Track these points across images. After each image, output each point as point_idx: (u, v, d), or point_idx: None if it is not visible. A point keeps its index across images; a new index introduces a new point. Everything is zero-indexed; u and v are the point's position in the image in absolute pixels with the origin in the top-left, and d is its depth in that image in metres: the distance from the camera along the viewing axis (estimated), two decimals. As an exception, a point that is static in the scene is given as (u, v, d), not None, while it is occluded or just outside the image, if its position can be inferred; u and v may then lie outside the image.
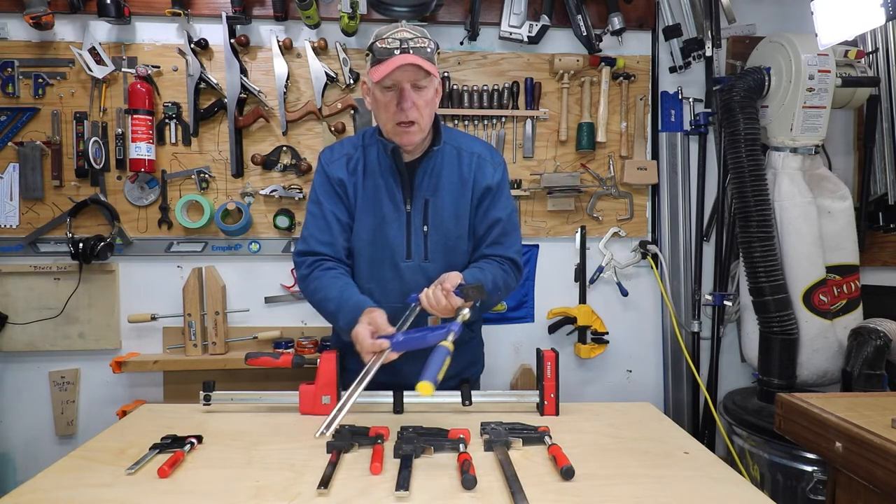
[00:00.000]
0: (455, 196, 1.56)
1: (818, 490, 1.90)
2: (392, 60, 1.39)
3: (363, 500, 1.04)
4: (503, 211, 1.59)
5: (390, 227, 1.55)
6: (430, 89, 1.46)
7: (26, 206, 2.37)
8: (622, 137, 2.55)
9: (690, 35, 2.53)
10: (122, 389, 2.46)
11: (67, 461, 1.21)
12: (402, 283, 1.56)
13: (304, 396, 1.48)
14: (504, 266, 1.57)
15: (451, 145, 1.59)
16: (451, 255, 1.58)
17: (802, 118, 2.22)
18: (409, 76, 1.41)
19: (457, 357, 1.61)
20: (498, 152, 1.66)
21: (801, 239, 2.23)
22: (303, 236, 1.59)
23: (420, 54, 1.40)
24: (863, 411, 1.36)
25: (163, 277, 2.45)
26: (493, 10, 2.43)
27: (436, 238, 1.56)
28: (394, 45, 1.40)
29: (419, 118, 1.45)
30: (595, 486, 1.10)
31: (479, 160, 1.58)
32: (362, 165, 1.57)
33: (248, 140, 2.43)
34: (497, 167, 1.60)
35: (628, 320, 2.65)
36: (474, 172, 1.57)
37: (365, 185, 1.56)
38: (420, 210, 1.55)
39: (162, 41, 2.38)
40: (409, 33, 1.42)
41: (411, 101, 1.43)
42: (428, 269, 1.55)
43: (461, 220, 1.57)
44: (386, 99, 1.45)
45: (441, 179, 1.56)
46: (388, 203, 1.55)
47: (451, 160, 1.57)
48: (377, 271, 1.58)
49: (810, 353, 2.23)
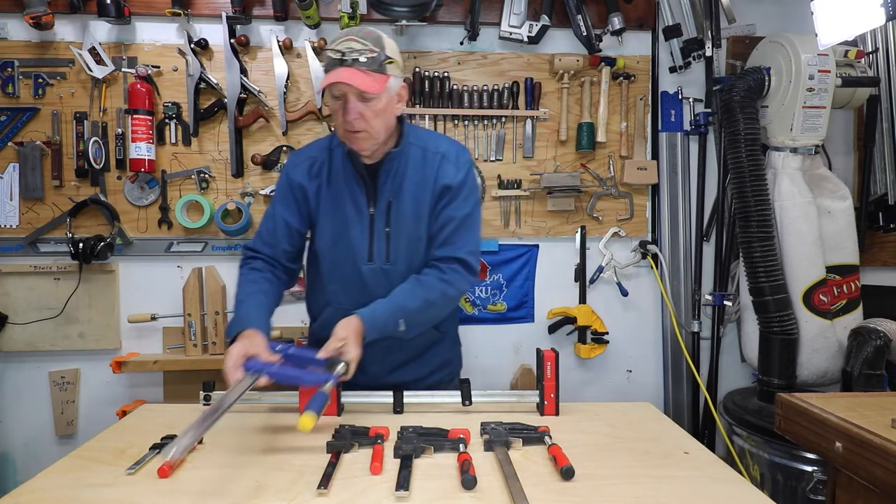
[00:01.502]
0: (417, 198, 1.54)
1: (818, 490, 1.90)
2: (330, 74, 1.38)
3: (363, 500, 1.04)
4: (459, 210, 1.54)
5: (352, 229, 1.54)
6: (379, 100, 1.42)
7: (26, 206, 2.37)
8: (622, 137, 2.55)
9: (690, 35, 2.53)
10: (122, 389, 2.46)
11: (67, 461, 1.21)
12: (364, 285, 1.55)
13: (304, 396, 1.47)
14: (446, 275, 1.50)
15: (416, 146, 1.56)
16: (412, 257, 1.55)
17: (802, 118, 2.22)
18: (350, 88, 1.38)
19: (426, 359, 1.64)
20: (466, 151, 1.61)
21: (801, 239, 2.23)
22: (255, 233, 1.64)
23: (364, 67, 1.37)
24: (863, 411, 1.36)
25: (163, 277, 2.45)
26: (493, 10, 2.43)
27: (397, 240, 1.54)
28: (336, 56, 1.38)
29: (367, 127, 1.43)
30: (595, 486, 1.10)
31: (442, 159, 1.55)
32: (327, 168, 1.57)
33: (248, 140, 2.43)
34: (461, 167, 1.55)
35: (628, 320, 2.65)
36: (435, 172, 1.54)
37: (330, 189, 1.56)
38: (383, 212, 1.54)
39: (162, 41, 2.38)
40: (358, 43, 1.38)
41: (356, 112, 1.40)
42: (390, 272, 1.55)
43: (422, 222, 1.54)
44: (335, 107, 1.45)
45: (405, 181, 1.53)
46: (350, 206, 1.55)
47: (416, 161, 1.55)
48: (339, 273, 1.58)
49: (810, 353, 2.23)
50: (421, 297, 1.48)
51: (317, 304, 1.66)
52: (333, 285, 1.59)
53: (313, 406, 1.06)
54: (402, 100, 1.52)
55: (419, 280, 1.51)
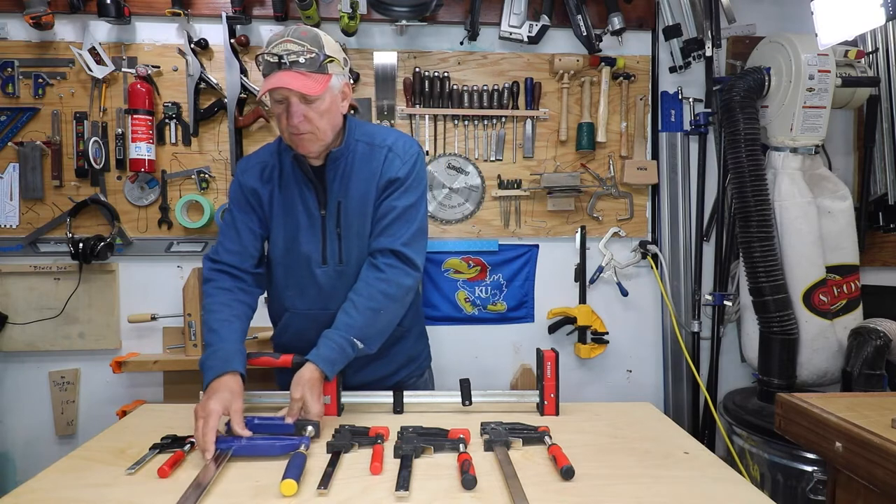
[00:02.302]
0: (363, 194, 1.50)
1: (818, 490, 1.90)
2: (270, 80, 1.36)
3: (363, 500, 1.04)
4: (400, 201, 1.49)
5: (304, 234, 1.52)
6: (322, 100, 1.40)
7: (26, 206, 2.37)
8: (622, 137, 2.55)
9: (690, 35, 2.53)
10: (122, 389, 2.46)
11: (67, 461, 1.21)
12: (319, 288, 1.54)
13: (304, 396, 1.47)
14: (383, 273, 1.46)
15: (362, 141, 1.52)
16: (363, 256, 1.52)
17: (802, 118, 2.22)
18: (291, 92, 1.36)
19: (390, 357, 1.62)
20: (414, 143, 1.57)
21: (801, 239, 2.23)
22: (217, 244, 1.58)
23: (303, 68, 1.35)
24: (863, 411, 1.36)
25: (163, 277, 2.45)
26: (493, 10, 2.43)
27: (348, 240, 1.52)
28: (273, 59, 1.35)
29: (312, 129, 1.41)
30: (595, 486, 1.10)
31: (388, 153, 1.51)
32: (278, 172, 1.54)
33: (248, 140, 2.43)
34: (407, 159, 1.51)
35: (628, 320, 2.65)
36: (382, 167, 1.50)
37: (281, 193, 1.53)
38: (333, 213, 1.51)
39: (162, 41, 2.38)
40: (295, 44, 1.35)
41: (300, 115, 1.38)
42: (344, 273, 1.52)
43: (367, 218, 1.51)
44: (277, 111, 1.42)
45: (352, 179, 1.51)
46: (301, 210, 1.52)
47: (363, 157, 1.51)
48: (294, 279, 1.56)
49: (810, 353, 2.23)
50: (364, 308, 1.43)
51: (275, 311, 1.65)
52: (289, 291, 1.57)
53: (292, 473, 1.06)
54: (347, 97, 1.49)
55: (357, 292, 1.45)
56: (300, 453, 1.15)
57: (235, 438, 1.22)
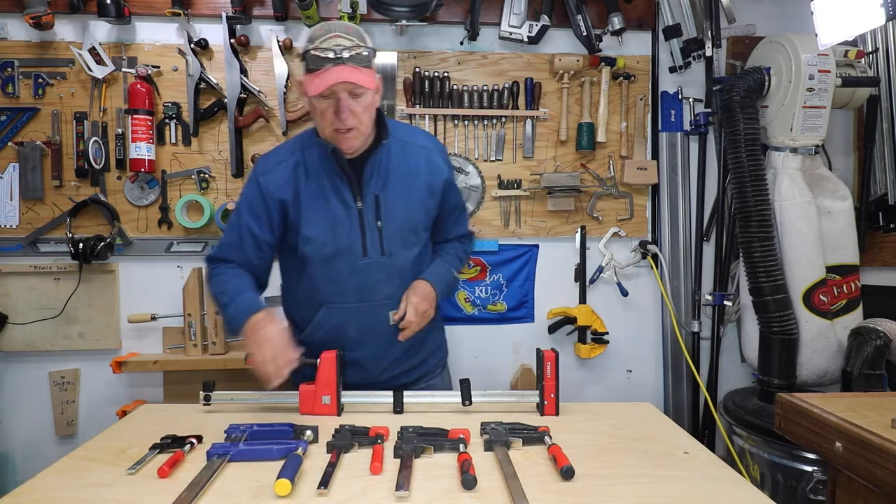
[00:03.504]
0: (405, 188, 1.54)
1: (818, 490, 1.90)
2: (326, 76, 1.35)
3: (363, 500, 1.04)
4: (460, 197, 1.72)
5: (342, 226, 1.52)
6: (368, 94, 1.42)
7: (26, 206, 2.37)
8: (622, 137, 2.55)
9: (690, 35, 2.53)
10: (122, 389, 2.46)
11: (67, 461, 1.21)
12: (359, 281, 1.54)
13: (303, 396, 1.48)
14: (463, 241, 1.76)
15: (396, 138, 1.56)
16: (406, 248, 1.57)
17: (802, 118, 2.22)
18: (345, 86, 1.37)
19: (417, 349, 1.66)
20: (439, 142, 1.74)
21: (801, 239, 2.23)
22: (220, 242, 1.60)
23: (356, 63, 1.36)
24: (863, 411, 1.36)
25: (163, 277, 2.45)
26: (493, 10, 2.43)
27: (390, 232, 1.54)
28: (327, 54, 1.35)
29: (358, 124, 1.42)
30: (595, 486, 1.10)
31: (427, 153, 1.59)
32: (303, 169, 1.53)
33: (248, 140, 2.43)
34: (444, 158, 1.65)
35: (628, 320, 2.65)
36: (426, 165, 1.57)
37: (308, 190, 1.52)
38: (371, 206, 1.52)
39: (162, 41, 2.38)
40: (346, 39, 1.36)
41: (349, 110, 1.39)
42: (386, 265, 1.54)
43: (413, 212, 1.56)
44: (323, 107, 1.41)
45: (390, 173, 1.53)
46: (337, 203, 1.51)
47: (398, 153, 1.55)
48: (333, 273, 1.54)
49: (810, 353, 2.23)
50: (454, 255, 1.70)
51: (307, 308, 1.60)
52: (328, 286, 1.55)
53: (287, 473, 1.06)
54: (380, 92, 1.52)
55: (442, 248, 1.70)
56: (296, 455, 1.15)
57: (233, 444, 1.22)
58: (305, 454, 1.19)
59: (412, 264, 1.58)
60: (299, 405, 1.48)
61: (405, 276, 1.57)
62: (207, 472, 1.11)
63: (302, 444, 1.21)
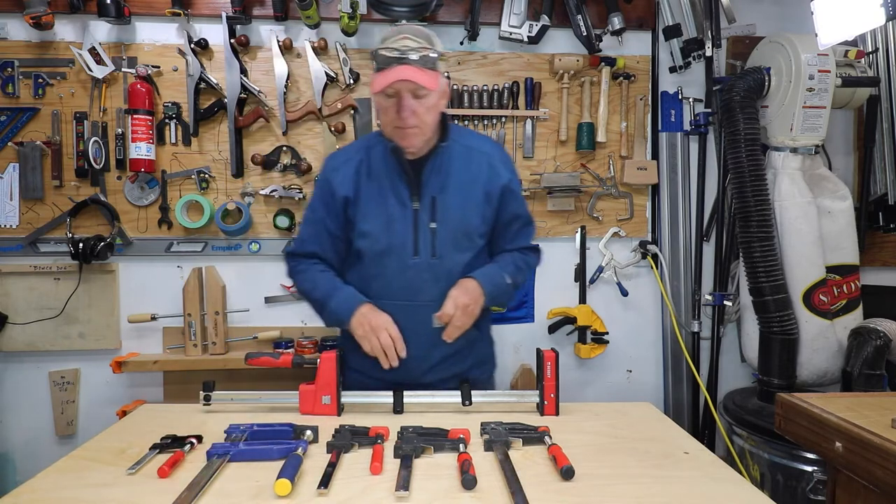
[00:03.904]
0: (463, 193, 1.57)
1: (818, 490, 1.90)
2: (389, 73, 1.40)
3: (363, 500, 1.04)
4: (523, 207, 1.68)
5: (397, 224, 1.55)
6: (431, 96, 1.46)
7: (26, 206, 2.38)
8: (622, 137, 2.55)
9: (690, 35, 2.53)
10: (122, 389, 2.46)
11: (67, 461, 1.21)
12: (407, 280, 1.56)
13: (303, 396, 1.48)
14: (525, 253, 1.70)
15: (459, 143, 1.59)
16: (457, 252, 1.58)
17: (802, 118, 2.22)
18: (408, 86, 1.42)
19: (462, 355, 1.65)
20: (504, 150, 1.72)
21: (801, 239, 2.23)
22: (298, 238, 1.65)
23: (421, 64, 1.41)
24: (863, 411, 1.36)
25: (163, 277, 2.45)
26: (493, 10, 2.43)
27: (444, 235, 1.56)
28: (394, 54, 1.40)
29: (419, 123, 1.46)
30: (595, 486, 1.10)
31: (489, 159, 1.60)
32: (366, 167, 1.58)
33: (248, 140, 2.43)
34: (509, 166, 1.65)
35: (628, 320, 2.65)
36: (486, 172, 1.59)
37: (369, 187, 1.57)
38: (428, 207, 1.55)
39: (162, 41, 2.38)
40: (413, 41, 1.41)
41: (410, 109, 1.43)
42: (435, 266, 1.56)
43: (469, 217, 1.58)
44: (386, 104, 1.46)
45: (450, 177, 1.56)
46: (394, 202, 1.55)
47: (460, 158, 1.58)
48: (383, 269, 1.57)
49: (810, 353, 2.23)
50: (509, 261, 1.65)
51: None
52: (378, 281, 1.58)
53: (287, 473, 1.06)
54: (447, 96, 1.56)
55: (502, 256, 1.66)
56: (296, 455, 1.15)
57: (233, 444, 1.22)
58: (305, 454, 1.19)
59: (462, 269, 1.58)
60: (299, 405, 1.48)
61: (454, 280, 1.56)
62: (207, 472, 1.11)
63: (302, 444, 1.21)
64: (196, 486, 1.05)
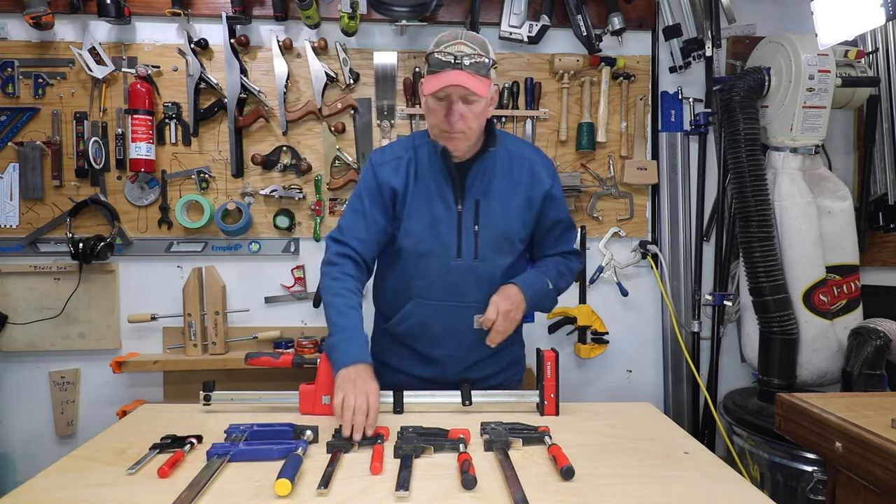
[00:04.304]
0: (506, 198, 1.59)
1: (818, 490, 1.90)
2: (442, 77, 1.41)
3: (363, 500, 1.04)
4: (563, 213, 1.68)
5: (442, 226, 1.56)
6: (481, 102, 1.47)
7: (26, 206, 2.38)
8: (622, 137, 2.55)
9: (690, 35, 2.52)
10: (122, 389, 2.46)
11: (67, 461, 1.21)
12: (450, 281, 1.58)
13: (304, 396, 1.48)
14: (567, 257, 1.72)
15: (502, 148, 1.61)
16: (499, 255, 1.60)
17: (802, 118, 2.22)
18: (459, 91, 1.43)
19: (498, 357, 1.67)
20: (545, 155, 1.72)
21: (801, 239, 2.23)
22: (340, 225, 1.61)
23: (474, 70, 1.41)
24: (863, 411, 1.37)
25: (163, 277, 2.45)
26: (493, 10, 2.43)
27: (486, 238, 1.58)
28: (448, 59, 1.41)
29: (466, 129, 1.47)
30: (595, 486, 1.10)
31: (530, 164, 1.62)
32: (414, 166, 1.59)
33: (248, 140, 2.43)
34: (551, 172, 1.66)
35: (628, 320, 2.65)
36: (528, 177, 1.60)
37: (417, 187, 1.58)
38: (471, 210, 1.57)
39: (162, 41, 2.38)
40: (468, 47, 1.42)
41: (459, 114, 1.44)
42: (477, 269, 1.58)
43: (511, 221, 1.60)
44: (436, 107, 1.47)
45: (493, 181, 1.58)
46: (439, 203, 1.57)
47: (503, 163, 1.60)
48: (426, 269, 1.59)
49: (810, 353, 2.23)
50: (552, 266, 1.67)
51: (396, 299, 1.65)
52: (420, 280, 1.60)
53: (287, 473, 1.06)
54: (494, 103, 1.57)
55: (544, 262, 1.69)
56: (296, 455, 1.15)
57: (233, 444, 1.22)
58: (305, 454, 1.19)
59: (504, 272, 1.61)
60: (299, 405, 1.48)
61: (495, 283, 1.59)
62: (207, 472, 1.11)
63: (302, 444, 1.21)
64: (196, 486, 1.05)
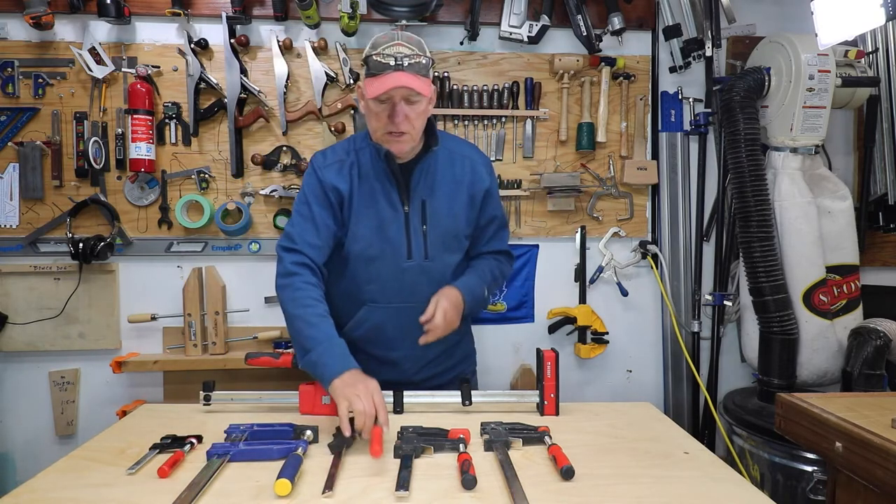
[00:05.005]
0: (450, 196, 1.61)
1: (818, 490, 1.90)
2: (386, 79, 1.41)
3: (363, 500, 1.04)
4: (498, 210, 1.71)
5: (390, 228, 1.57)
6: (422, 102, 1.48)
7: (26, 206, 2.37)
8: (622, 137, 2.55)
9: (690, 35, 2.52)
10: (122, 389, 2.46)
11: (67, 461, 1.21)
12: (402, 283, 1.59)
13: (303, 396, 1.48)
14: (499, 258, 1.74)
15: (443, 147, 1.62)
16: (448, 254, 1.63)
17: (802, 118, 2.22)
18: (402, 92, 1.43)
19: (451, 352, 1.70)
20: (483, 153, 1.75)
21: (801, 239, 2.23)
22: (288, 233, 1.55)
23: (414, 70, 1.43)
24: (863, 411, 1.37)
25: (163, 277, 2.45)
26: (493, 10, 2.43)
27: (435, 237, 1.59)
28: (388, 60, 1.42)
29: (410, 129, 1.48)
30: (595, 486, 1.10)
31: (471, 163, 1.65)
32: (356, 170, 1.58)
33: (248, 140, 2.43)
34: (490, 170, 1.70)
35: (628, 320, 2.65)
36: (470, 175, 1.63)
37: (361, 189, 1.58)
38: (418, 210, 1.58)
39: (162, 41, 2.38)
40: (406, 48, 1.43)
41: (403, 114, 1.45)
42: (429, 269, 1.59)
43: (457, 219, 1.62)
44: (378, 110, 1.47)
45: (437, 180, 1.60)
46: (385, 205, 1.57)
47: (445, 162, 1.62)
48: (377, 273, 1.59)
49: (810, 353, 2.23)
50: (488, 271, 1.68)
51: (346, 305, 1.63)
52: (371, 284, 1.60)
53: (287, 473, 1.06)
54: (433, 101, 1.57)
55: (478, 265, 1.69)
56: (296, 455, 1.15)
57: (233, 444, 1.22)
58: (305, 454, 1.19)
59: (453, 270, 1.64)
60: (299, 405, 1.48)
61: (446, 281, 1.61)
62: (207, 472, 1.11)
63: (302, 444, 1.21)
64: (196, 486, 1.05)
